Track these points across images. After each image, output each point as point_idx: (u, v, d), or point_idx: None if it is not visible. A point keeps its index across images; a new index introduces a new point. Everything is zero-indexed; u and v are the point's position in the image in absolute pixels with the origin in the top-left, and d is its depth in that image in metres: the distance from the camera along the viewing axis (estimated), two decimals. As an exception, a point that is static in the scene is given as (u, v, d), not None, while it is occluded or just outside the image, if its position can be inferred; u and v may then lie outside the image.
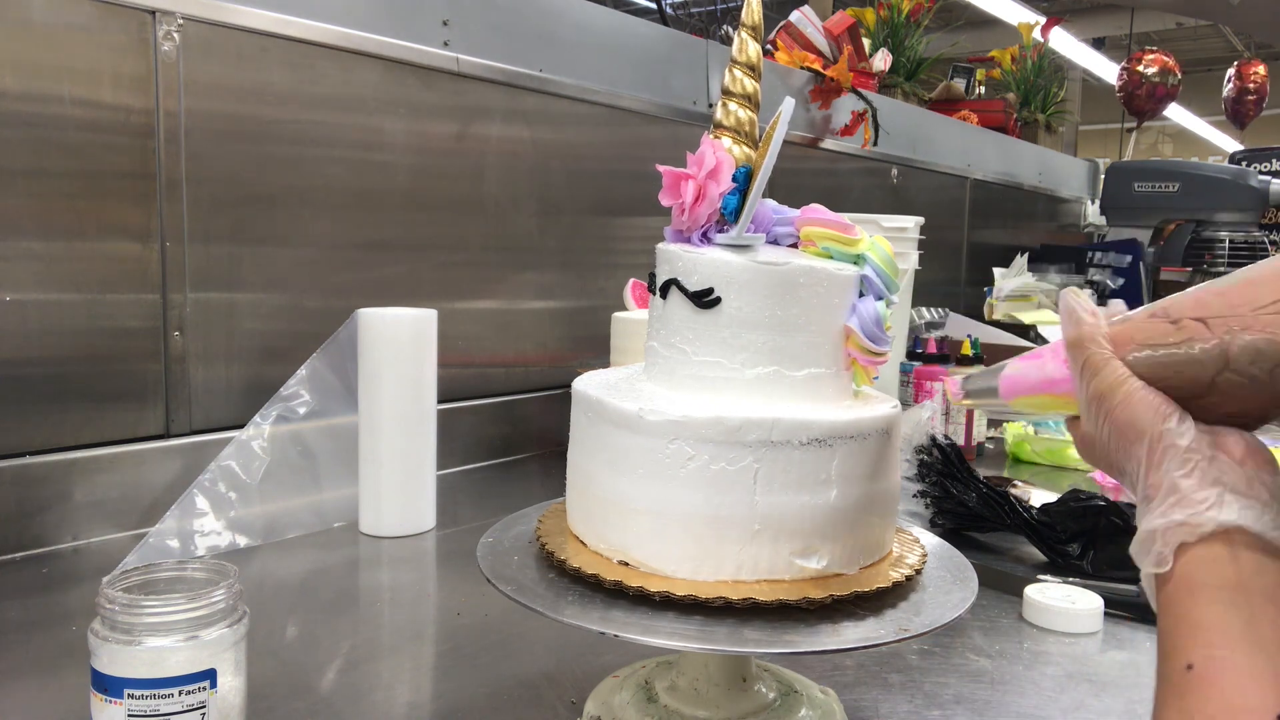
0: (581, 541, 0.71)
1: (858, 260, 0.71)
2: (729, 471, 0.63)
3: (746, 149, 0.71)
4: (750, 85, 0.72)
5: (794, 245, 0.73)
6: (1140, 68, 4.64)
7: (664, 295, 0.71)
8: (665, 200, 0.71)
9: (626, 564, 0.66)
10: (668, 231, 0.74)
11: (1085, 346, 0.52)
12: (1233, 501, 0.45)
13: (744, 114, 0.72)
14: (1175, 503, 0.46)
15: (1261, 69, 5.29)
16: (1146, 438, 0.48)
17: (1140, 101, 4.72)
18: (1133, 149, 5.09)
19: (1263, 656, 0.40)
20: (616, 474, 0.67)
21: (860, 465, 0.66)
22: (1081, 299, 0.55)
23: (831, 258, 0.71)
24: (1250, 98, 5.24)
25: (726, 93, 0.73)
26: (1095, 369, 0.51)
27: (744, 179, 0.69)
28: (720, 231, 0.70)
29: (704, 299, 0.68)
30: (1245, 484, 0.46)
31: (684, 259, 0.69)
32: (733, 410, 0.64)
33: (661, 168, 0.71)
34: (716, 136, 0.72)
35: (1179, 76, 4.69)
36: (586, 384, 0.72)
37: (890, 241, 0.73)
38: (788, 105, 0.68)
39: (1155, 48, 4.90)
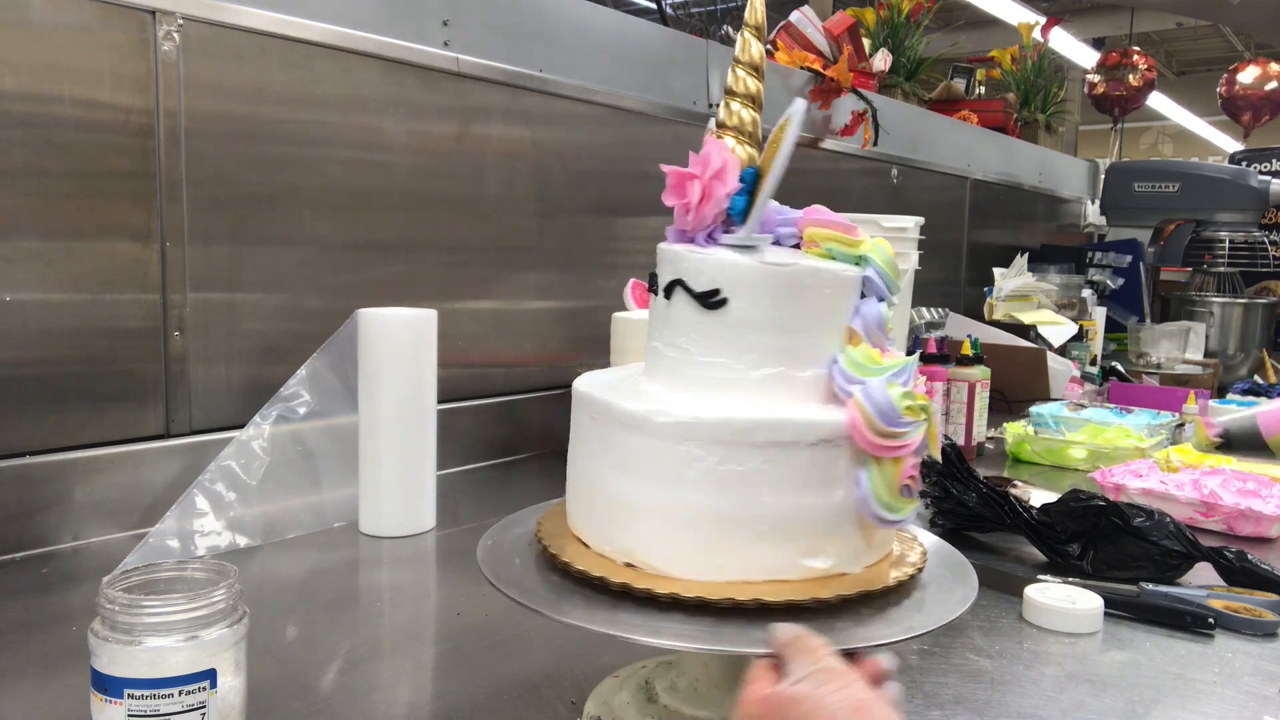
0: (583, 542, 0.70)
1: (859, 261, 0.71)
2: (738, 472, 0.63)
3: (750, 149, 0.71)
4: (754, 85, 0.72)
5: (795, 246, 0.73)
6: (1109, 70, 4.76)
7: (668, 296, 0.70)
8: (669, 200, 0.70)
9: (631, 565, 0.66)
10: (670, 231, 0.73)
11: None
12: None
13: (747, 114, 0.72)
14: None
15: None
16: None
17: (1110, 102, 4.83)
18: (1118, 148, 5.12)
19: None
20: (621, 475, 0.67)
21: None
22: None
23: (834, 259, 0.71)
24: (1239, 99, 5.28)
25: (730, 92, 0.72)
26: None
27: (751, 179, 0.69)
28: (727, 232, 0.70)
29: (710, 299, 0.67)
30: None
31: (690, 259, 0.68)
32: (740, 411, 0.64)
33: (666, 168, 0.70)
34: (720, 136, 0.71)
35: (1139, 70, 4.77)
36: (589, 384, 0.72)
37: (890, 241, 0.73)
38: (798, 107, 0.67)
39: (1126, 50, 4.97)
